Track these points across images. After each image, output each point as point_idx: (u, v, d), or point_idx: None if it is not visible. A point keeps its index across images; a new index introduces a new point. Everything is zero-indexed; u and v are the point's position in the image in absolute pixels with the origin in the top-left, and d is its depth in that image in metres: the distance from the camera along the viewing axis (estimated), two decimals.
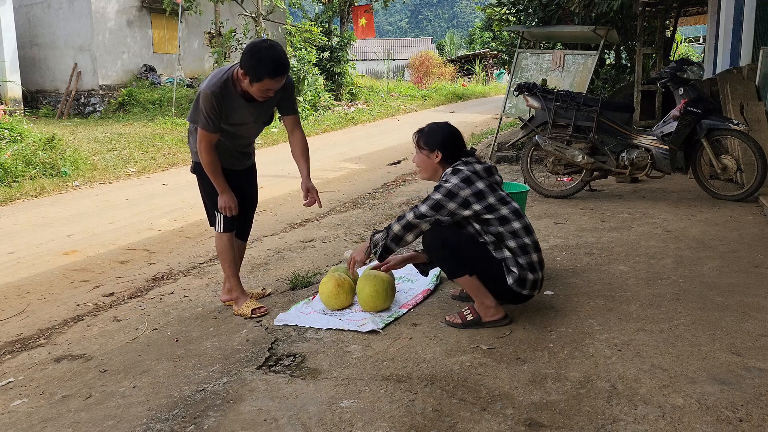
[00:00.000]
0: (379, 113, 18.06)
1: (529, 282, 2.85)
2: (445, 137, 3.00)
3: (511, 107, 9.02)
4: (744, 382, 2.30)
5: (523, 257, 2.84)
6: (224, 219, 3.28)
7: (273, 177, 8.26)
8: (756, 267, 3.69)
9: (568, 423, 2.07)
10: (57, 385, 2.64)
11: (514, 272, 2.83)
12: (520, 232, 2.85)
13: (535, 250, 2.89)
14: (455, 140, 3.02)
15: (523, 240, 2.85)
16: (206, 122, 3.03)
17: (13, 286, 4.43)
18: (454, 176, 2.85)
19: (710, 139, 5.58)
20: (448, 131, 3.03)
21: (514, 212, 2.86)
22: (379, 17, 62.26)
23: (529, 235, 2.88)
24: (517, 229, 2.84)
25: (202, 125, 3.04)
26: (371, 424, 2.13)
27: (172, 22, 18.22)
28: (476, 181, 2.82)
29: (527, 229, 2.89)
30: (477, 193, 2.80)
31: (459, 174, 2.85)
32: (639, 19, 8.87)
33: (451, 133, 3.02)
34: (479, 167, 2.89)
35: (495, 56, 28.61)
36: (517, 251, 2.84)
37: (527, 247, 2.85)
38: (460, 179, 2.82)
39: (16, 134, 9.11)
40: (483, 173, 2.88)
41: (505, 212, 2.84)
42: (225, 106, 3.03)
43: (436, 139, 2.99)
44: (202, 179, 3.29)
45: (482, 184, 2.83)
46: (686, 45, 20.79)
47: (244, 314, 3.29)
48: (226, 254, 3.35)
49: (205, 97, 3.00)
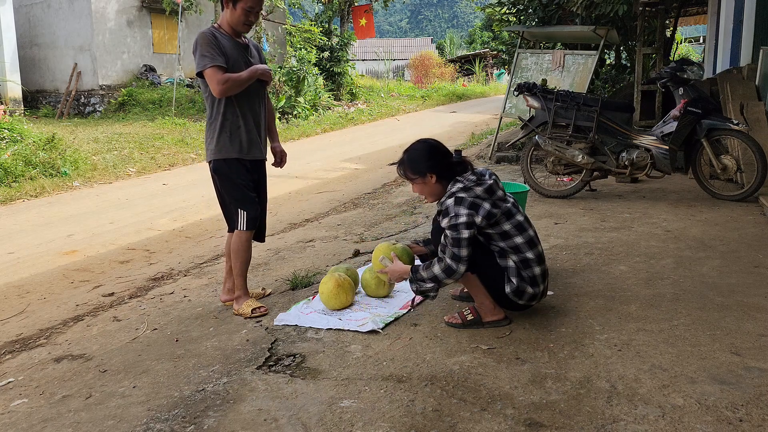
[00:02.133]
0: (379, 113, 18.06)
1: (527, 295, 2.86)
2: (429, 157, 2.87)
3: (511, 107, 9.02)
4: (744, 382, 2.30)
5: (526, 271, 2.84)
6: (248, 216, 3.27)
7: (273, 177, 8.23)
8: (756, 267, 3.69)
9: (568, 423, 2.07)
10: (57, 385, 2.64)
11: (513, 282, 2.84)
12: (522, 247, 2.83)
13: (538, 263, 2.86)
14: (439, 154, 2.89)
15: (525, 255, 2.83)
16: (211, 56, 3.08)
17: (13, 286, 4.43)
18: (460, 206, 2.72)
19: (710, 139, 5.57)
20: (428, 150, 2.90)
21: (517, 226, 2.83)
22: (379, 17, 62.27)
23: (532, 249, 2.85)
24: (519, 244, 2.83)
25: (208, 60, 3.08)
26: (371, 424, 2.13)
27: (172, 22, 18.22)
28: (482, 204, 2.75)
29: (530, 243, 2.85)
30: (486, 216, 2.75)
31: (464, 203, 2.73)
32: (639, 19, 8.87)
33: (431, 150, 2.90)
34: (480, 190, 2.78)
35: (495, 56, 28.61)
36: (520, 264, 2.84)
37: (529, 261, 2.84)
38: (467, 208, 2.72)
39: (16, 134, 9.11)
40: (484, 194, 2.78)
41: (507, 227, 2.82)
42: (219, 43, 3.13)
43: (421, 164, 2.86)
44: (222, 178, 3.27)
45: (488, 204, 2.76)
46: (686, 45, 20.79)
47: (244, 314, 3.29)
48: (243, 254, 3.33)
49: (202, 37, 3.12)
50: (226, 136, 3.22)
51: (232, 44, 3.20)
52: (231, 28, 3.21)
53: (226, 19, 3.20)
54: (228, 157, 3.23)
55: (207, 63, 3.08)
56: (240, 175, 3.26)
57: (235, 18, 3.16)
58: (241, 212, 3.27)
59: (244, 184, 3.28)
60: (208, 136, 3.29)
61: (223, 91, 3.09)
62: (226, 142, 3.22)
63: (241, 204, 3.26)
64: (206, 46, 3.09)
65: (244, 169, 3.28)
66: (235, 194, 3.27)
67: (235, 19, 3.16)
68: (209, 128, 3.28)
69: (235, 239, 3.33)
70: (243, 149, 3.25)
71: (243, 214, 3.27)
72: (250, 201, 3.29)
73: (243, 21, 3.17)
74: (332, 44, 19.73)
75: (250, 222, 3.29)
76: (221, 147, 3.22)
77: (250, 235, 3.34)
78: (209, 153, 3.30)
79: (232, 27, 3.20)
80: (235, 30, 3.22)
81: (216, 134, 3.23)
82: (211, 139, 3.26)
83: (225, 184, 3.28)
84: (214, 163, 3.27)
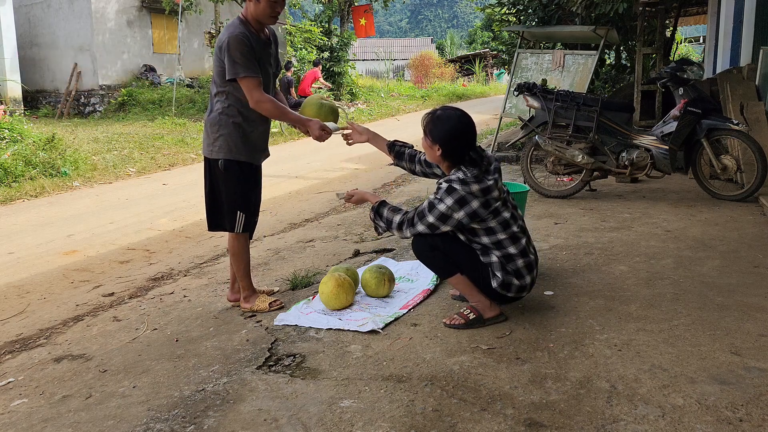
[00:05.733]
0: (379, 113, 18.06)
1: (514, 287, 2.88)
2: (449, 133, 2.80)
3: (511, 107, 9.02)
4: (744, 382, 2.30)
5: (509, 264, 2.86)
6: (245, 218, 3.23)
7: (273, 177, 8.25)
8: (756, 267, 3.69)
9: (568, 423, 2.07)
10: (57, 385, 2.64)
11: (498, 277, 2.86)
12: (504, 242, 2.84)
13: (521, 256, 2.87)
14: (460, 138, 2.80)
15: (508, 250, 2.85)
16: (245, 66, 2.96)
17: (13, 286, 4.43)
18: (449, 196, 2.74)
19: (710, 139, 5.57)
20: (454, 127, 2.81)
21: (502, 223, 2.83)
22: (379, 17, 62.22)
23: (515, 244, 2.85)
24: (501, 240, 2.84)
25: (243, 70, 2.96)
26: (371, 424, 2.13)
27: (172, 22, 18.23)
28: (471, 201, 2.74)
29: (513, 237, 2.85)
30: (470, 214, 2.76)
31: (453, 194, 2.74)
32: (639, 19, 8.87)
33: (456, 130, 2.81)
34: (475, 188, 2.74)
35: (495, 56, 28.60)
36: (503, 259, 2.86)
37: (513, 256, 2.85)
38: (454, 200, 2.73)
39: (16, 134, 9.10)
40: (479, 193, 2.75)
41: (493, 224, 2.83)
42: (252, 46, 3.01)
43: (440, 131, 2.81)
44: (228, 177, 3.16)
45: (476, 203, 2.75)
46: (686, 45, 20.79)
47: (262, 309, 3.30)
48: (242, 255, 3.32)
49: (236, 40, 2.96)
50: (239, 137, 3.13)
51: (259, 45, 3.08)
52: (257, 22, 3.08)
53: (250, 12, 3.04)
54: (241, 159, 3.16)
55: (245, 71, 2.97)
56: (249, 179, 3.23)
57: (260, 10, 3.02)
58: (239, 215, 3.23)
59: (250, 187, 3.26)
60: (214, 132, 3.14)
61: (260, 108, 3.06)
62: (239, 143, 3.13)
63: (241, 207, 3.23)
64: (241, 53, 2.95)
65: (252, 171, 3.26)
66: (238, 196, 3.22)
67: (261, 11, 3.02)
68: (221, 125, 3.12)
69: (232, 243, 3.31)
70: (255, 153, 3.23)
71: (241, 217, 3.23)
72: (251, 205, 3.29)
73: (270, 13, 3.04)
74: (332, 44, 19.74)
75: (246, 225, 3.28)
76: (234, 147, 3.12)
77: (247, 236, 3.34)
78: (218, 150, 3.14)
79: (258, 20, 3.07)
80: (261, 23, 3.10)
81: (229, 133, 3.12)
82: (219, 135, 3.12)
83: (230, 184, 3.19)
84: (225, 162, 3.14)
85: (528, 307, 3.12)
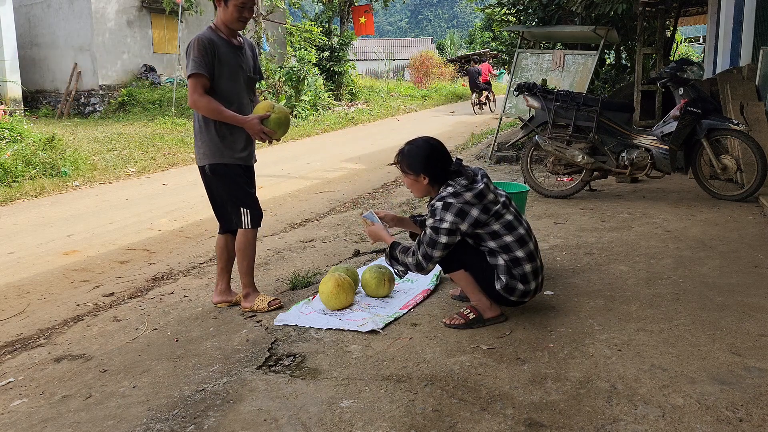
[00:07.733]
0: (379, 113, 18.06)
1: (518, 291, 2.88)
2: (428, 158, 2.87)
3: (511, 107, 9.02)
4: (744, 382, 2.30)
5: (516, 269, 2.86)
6: (252, 214, 3.27)
7: (273, 177, 8.26)
8: (756, 267, 3.69)
9: (568, 423, 2.07)
10: (57, 385, 2.64)
11: (502, 280, 2.86)
12: (512, 246, 2.84)
13: (529, 261, 2.87)
14: (438, 158, 2.89)
15: (515, 254, 2.85)
16: (195, 63, 3.07)
17: (13, 286, 4.43)
18: (447, 212, 2.75)
19: (710, 139, 5.57)
20: (428, 151, 2.88)
21: (506, 226, 2.84)
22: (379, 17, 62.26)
23: (522, 247, 2.86)
24: (508, 243, 2.84)
25: (192, 66, 3.07)
26: (371, 424, 2.13)
27: (172, 22, 18.23)
28: (470, 210, 2.77)
29: (520, 241, 2.86)
30: (473, 223, 2.79)
31: (451, 209, 2.76)
32: (639, 19, 8.87)
33: (432, 153, 2.88)
34: (469, 196, 2.77)
35: (495, 56, 28.60)
36: (510, 263, 2.86)
37: (520, 260, 2.85)
38: (453, 215, 2.75)
39: (16, 134, 9.10)
40: (474, 200, 2.78)
41: (497, 227, 2.83)
42: (215, 50, 3.11)
43: (418, 163, 2.87)
44: (221, 179, 3.25)
45: (476, 210, 2.78)
46: (686, 45, 20.79)
47: (261, 308, 3.31)
48: (250, 252, 3.34)
49: (197, 42, 3.10)
50: (219, 140, 3.19)
51: (228, 49, 3.18)
52: (227, 27, 3.20)
53: (220, 18, 3.19)
54: (225, 162, 3.22)
55: (189, 67, 3.09)
56: (239, 175, 3.27)
57: (228, 16, 3.15)
58: (244, 211, 3.26)
59: (244, 182, 3.29)
60: (200, 140, 3.24)
61: (196, 106, 3.12)
62: (220, 146, 3.19)
63: (243, 203, 3.26)
64: (196, 51, 3.08)
65: (240, 170, 3.28)
66: (236, 193, 3.26)
67: (229, 16, 3.15)
68: (202, 132, 3.22)
69: (240, 238, 3.32)
70: (236, 154, 3.24)
71: (246, 213, 3.27)
72: (252, 199, 3.30)
73: (237, 18, 3.15)
74: (332, 44, 19.75)
75: (254, 219, 3.29)
76: (216, 151, 3.19)
77: (255, 232, 3.35)
78: (202, 157, 3.25)
79: (227, 26, 3.19)
80: (230, 29, 3.20)
81: (210, 138, 3.19)
82: (202, 141, 3.22)
83: (224, 183, 3.25)
84: (210, 166, 3.23)
85: (528, 307, 3.12)
